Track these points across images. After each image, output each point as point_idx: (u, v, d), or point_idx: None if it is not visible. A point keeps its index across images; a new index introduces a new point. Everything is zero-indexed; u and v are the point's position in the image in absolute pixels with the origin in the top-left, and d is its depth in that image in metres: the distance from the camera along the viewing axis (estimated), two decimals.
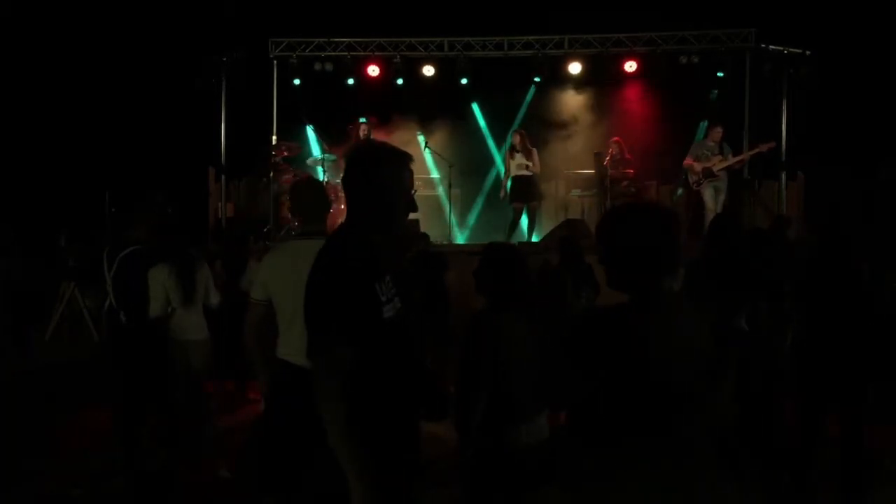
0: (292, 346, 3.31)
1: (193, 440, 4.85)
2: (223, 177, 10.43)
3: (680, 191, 10.87)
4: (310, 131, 11.08)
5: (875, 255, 4.15)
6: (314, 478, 3.22)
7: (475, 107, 11.90)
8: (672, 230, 2.15)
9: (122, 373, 4.68)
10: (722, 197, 9.46)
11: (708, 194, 9.44)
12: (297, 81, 11.17)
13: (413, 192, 2.44)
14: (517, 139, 9.96)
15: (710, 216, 9.22)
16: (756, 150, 9.42)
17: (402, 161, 2.38)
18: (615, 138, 10.45)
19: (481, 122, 11.89)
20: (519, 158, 9.89)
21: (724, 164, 9.39)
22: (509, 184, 9.99)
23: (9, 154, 10.12)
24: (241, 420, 6.03)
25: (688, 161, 9.60)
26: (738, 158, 9.49)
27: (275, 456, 3.29)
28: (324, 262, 2.26)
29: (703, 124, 10.63)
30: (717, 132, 9.51)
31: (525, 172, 9.88)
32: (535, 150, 10.02)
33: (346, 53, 11.13)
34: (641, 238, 2.13)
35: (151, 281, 4.66)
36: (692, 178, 9.60)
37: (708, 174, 9.42)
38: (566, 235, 7.85)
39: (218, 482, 4.83)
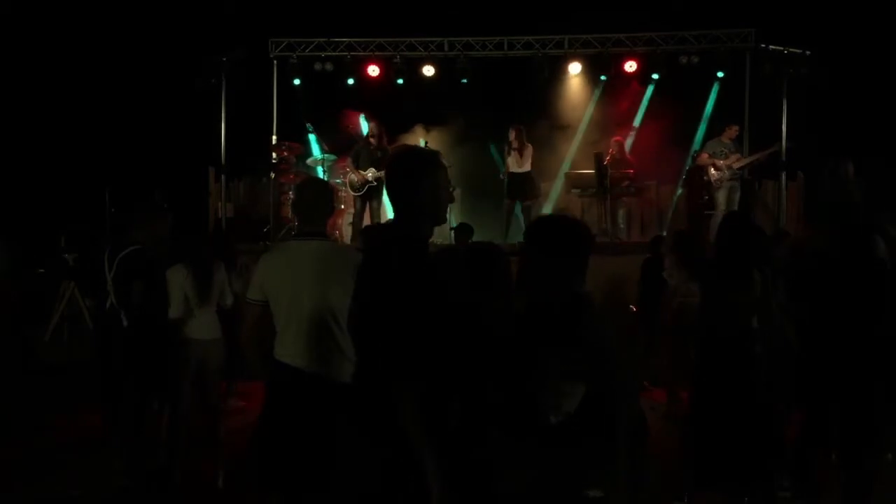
0: (289, 347, 3.30)
1: (206, 440, 4.87)
2: (223, 177, 10.42)
3: (680, 190, 10.87)
4: (310, 131, 11.08)
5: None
6: (318, 477, 3.24)
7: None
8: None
9: (123, 373, 4.67)
10: (737, 196, 9.41)
11: (722, 194, 9.34)
12: (297, 81, 11.15)
13: (452, 188, 2.60)
14: (513, 135, 9.97)
15: (718, 217, 9.13)
16: (770, 150, 9.41)
17: (438, 161, 2.60)
18: (616, 138, 10.45)
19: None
20: (514, 155, 9.92)
21: (743, 163, 9.33)
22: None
23: (9, 154, 10.12)
24: (242, 420, 6.03)
25: (704, 158, 9.41)
26: (754, 157, 9.43)
27: (275, 456, 3.29)
28: (400, 273, 2.37)
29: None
30: (734, 130, 9.44)
31: (520, 170, 9.91)
32: (529, 146, 10.03)
33: (346, 53, 11.13)
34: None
35: (170, 281, 4.71)
36: (715, 176, 9.33)
37: (731, 174, 9.32)
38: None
39: (218, 482, 4.84)
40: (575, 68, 11.24)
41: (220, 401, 5.18)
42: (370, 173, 9.58)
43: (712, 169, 9.34)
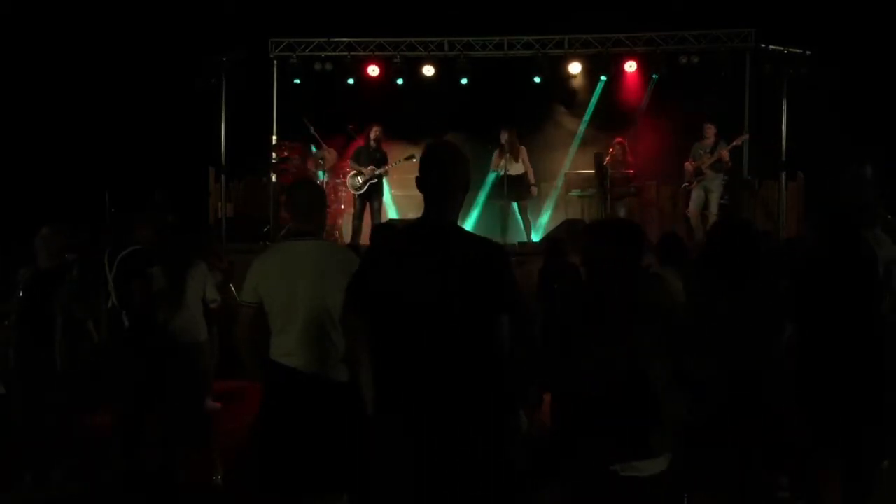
0: (285, 347, 3.31)
1: (194, 441, 4.86)
2: (223, 177, 10.42)
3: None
4: (310, 131, 11.07)
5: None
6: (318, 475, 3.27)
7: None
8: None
9: (123, 373, 4.67)
10: (715, 195, 9.55)
11: (694, 195, 9.62)
12: (297, 81, 11.16)
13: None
14: (504, 137, 9.97)
15: (693, 218, 9.52)
16: (731, 146, 9.58)
17: (466, 158, 2.84)
18: (619, 139, 10.46)
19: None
20: (508, 157, 9.93)
21: (709, 162, 9.54)
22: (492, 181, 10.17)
23: (9, 154, 10.12)
24: (240, 421, 6.02)
25: (686, 165, 9.83)
26: (716, 156, 9.55)
27: (274, 456, 3.30)
28: (497, 257, 2.65)
29: None
30: (709, 129, 9.68)
31: (512, 172, 9.92)
32: (523, 149, 10.05)
33: (346, 53, 11.13)
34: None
35: (154, 282, 4.68)
36: (686, 179, 9.83)
37: (698, 173, 9.61)
38: (553, 236, 8.00)
39: (217, 483, 4.84)
40: (575, 68, 11.23)
41: (207, 401, 5.16)
42: (370, 170, 9.60)
43: (685, 173, 9.83)
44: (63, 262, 4.67)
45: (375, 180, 9.69)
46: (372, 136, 9.85)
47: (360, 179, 9.66)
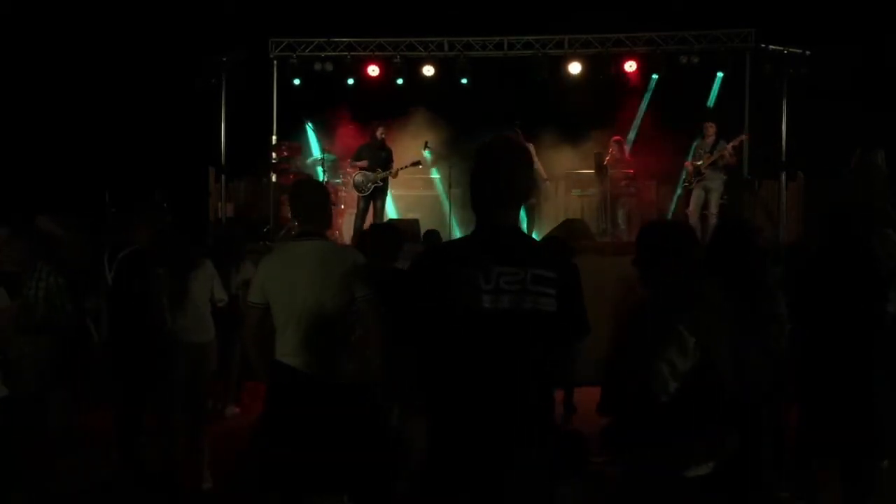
0: (288, 347, 3.32)
1: (190, 442, 4.86)
2: (223, 177, 10.43)
3: (679, 190, 10.89)
4: (310, 131, 11.08)
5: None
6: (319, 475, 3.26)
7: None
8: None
9: (122, 374, 4.67)
10: (715, 196, 9.51)
11: (694, 195, 9.58)
12: (297, 81, 11.16)
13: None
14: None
15: (692, 217, 9.40)
16: (730, 146, 9.49)
17: (531, 159, 2.69)
18: (616, 137, 10.47)
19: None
20: None
21: (708, 162, 9.49)
22: None
23: (8, 154, 10.12)
24: (238, 422, 6.03)
25: (687, 164, 9.81)
26: (716, 156, 9.49)
27: (275, 455, 3.30)
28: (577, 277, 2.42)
29: None
30: (710, 128, 9.63)
31: None
32: (530, 146, 10.02)
33: (346, 53, 11.13)
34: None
35: (156, 283, 4.68)
36: (686, 179, 9.78)
37: (697, 173, 9.57)
38: (554, 235, 7.96)
39: (216, 483, 4.85)
40: (575, 68, 11.23)
41: (207, 403, 5.16)
42: (376, 174, 9.56)
43: (686, 172, 9.80)
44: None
45: (380, 183, 9.65)
46: (378, 134, 9.81)
47: (362, 181, 9.62)
